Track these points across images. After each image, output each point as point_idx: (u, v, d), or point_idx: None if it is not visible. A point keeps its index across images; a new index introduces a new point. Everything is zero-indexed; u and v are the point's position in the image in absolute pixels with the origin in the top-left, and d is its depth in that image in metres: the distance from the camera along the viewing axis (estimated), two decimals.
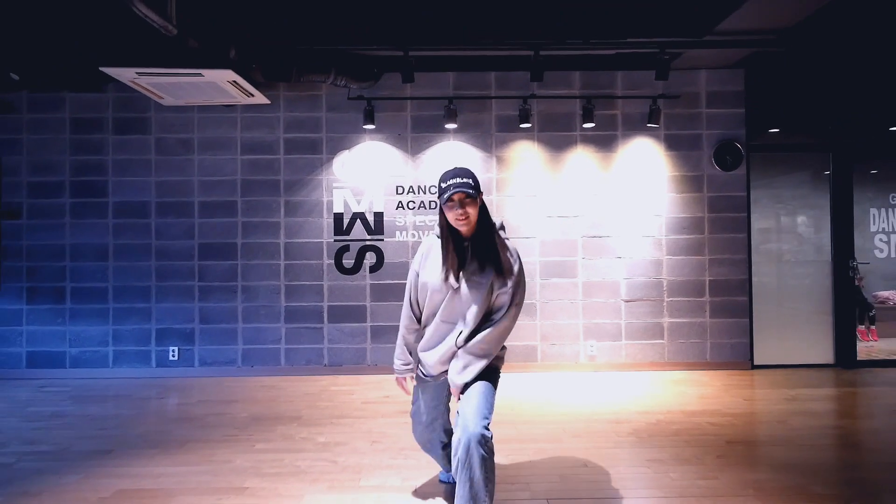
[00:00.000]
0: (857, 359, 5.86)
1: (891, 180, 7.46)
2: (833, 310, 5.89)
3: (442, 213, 2.43)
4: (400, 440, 3.72)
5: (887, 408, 4.49)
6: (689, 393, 4.85)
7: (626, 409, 4.40)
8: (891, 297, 8.03)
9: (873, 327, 7.65)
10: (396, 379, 2.68)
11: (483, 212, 2.46)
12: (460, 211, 2.35)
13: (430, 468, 3.25)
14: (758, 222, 6.06)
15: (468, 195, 2.36)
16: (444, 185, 2.39)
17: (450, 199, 2.36)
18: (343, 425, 4.05)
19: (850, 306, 5.92)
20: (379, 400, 4.74)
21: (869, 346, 7.17)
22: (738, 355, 5.73)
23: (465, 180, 2.37)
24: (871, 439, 3.72)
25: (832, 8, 4.43)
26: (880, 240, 7.49)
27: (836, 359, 5.85)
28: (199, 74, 4.47)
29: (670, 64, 5.51)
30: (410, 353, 2.64)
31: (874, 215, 7.50)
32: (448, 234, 2.43)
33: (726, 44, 4.94)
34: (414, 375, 2.67)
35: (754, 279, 5.88)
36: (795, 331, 5.92)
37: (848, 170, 5.92)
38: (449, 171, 2.44)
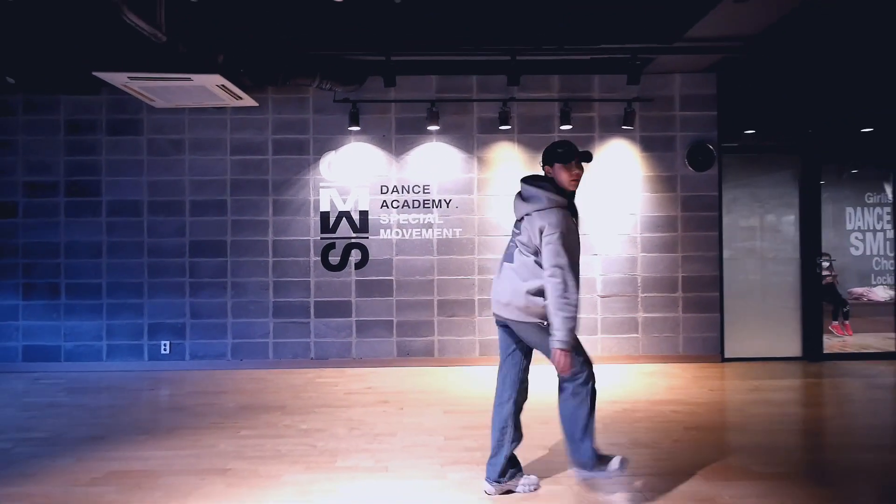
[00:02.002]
0: (824, 352, 6.09)
1: (867, 180, 7.69)
2: (801, 305, 6.12)
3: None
4: (376, 427, 3.94)
5: (841, 397, 4.72)
6: (658, 384, 5.07)
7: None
8: (864, 294, 8.27)
9: (847, 322, 7.89)
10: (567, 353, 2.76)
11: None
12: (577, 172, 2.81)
13: (403, 452, 3.46)
14: (733, 220, 6.28)
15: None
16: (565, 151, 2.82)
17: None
18: (324, 414, 4.26)
19: (817, 302, 6.14)
20: (361, 391, 4.95)
21: (842, 341, 7.42)
22: (710, 349, 5.96)
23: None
24: (819, 425, 3.94)
25: (793, 17, 4.64)
26: (856, 238, 7.74)
27: (803, 352, 6.07)
28: (189, 79, 4.67)
29: (643, 68, 5.71)
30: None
31: (850, 214, 7.75)
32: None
33: (695, 50, 5.16)
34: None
35: (727, 276, 6.11)
36: (765, 325, 6.15)
37: (816, 170, 6.14)
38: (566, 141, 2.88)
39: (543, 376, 5.30)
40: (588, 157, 2.85)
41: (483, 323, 5.93)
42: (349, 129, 5.77)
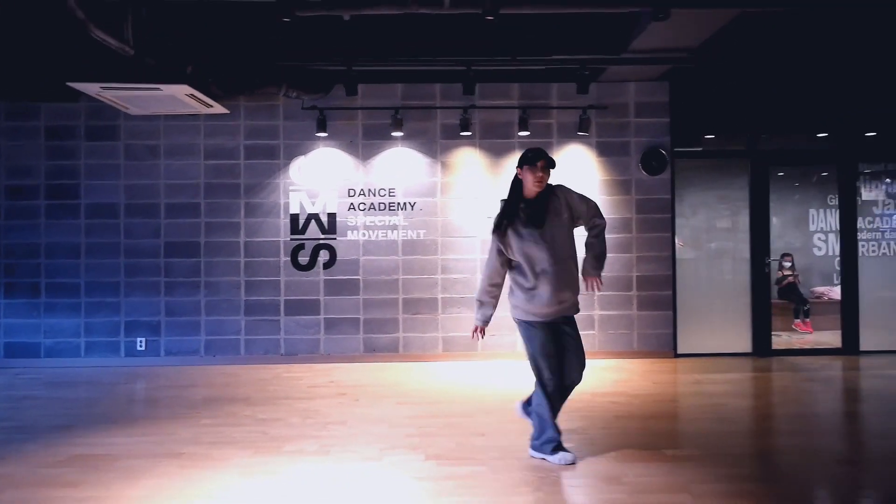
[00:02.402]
0: (773, 348, 6.37)
1: (832, 182, 7.97)
2: (751, 303, 6.40)
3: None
4: (329, 416, 4.20)
5: (774, 389, 5.01)
6: (607, 378, 5.34)
7: None
8: (826, 293, 8.55)
9: (808, 320, 8.17)
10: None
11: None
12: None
13: (348, 438, 3.73)
14: (687, 222, 6.56)
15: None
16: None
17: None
18: (283, 405, 4.53)
19: (766, 300, 6.41)
20: (323, 384, 5.22)
21: (801, 338, 7.70)
22: (663, 345, 6.23)
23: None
24: (743, 414, 4.21)
25: (730, 30, 4.91)
26: (819, 238, 8.00)
27: (753, 348, 6.35)
28: (158, 89, 4.94)
29: (598, 77, 6.02)
30: None
31: (813, 215, 8.01)
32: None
33: (642, 61, 5.43)
34: None
35: (682, 275, 6.38)
36: (718, 322, 6.42)
37: (765, 174, 6.42)
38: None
39: (506, 371, 5.63)
40: (551, 163, 3.27)
41: (446, 320, 6.20)
42: (317, 135, 6.04)
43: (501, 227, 3.29)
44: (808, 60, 5.97)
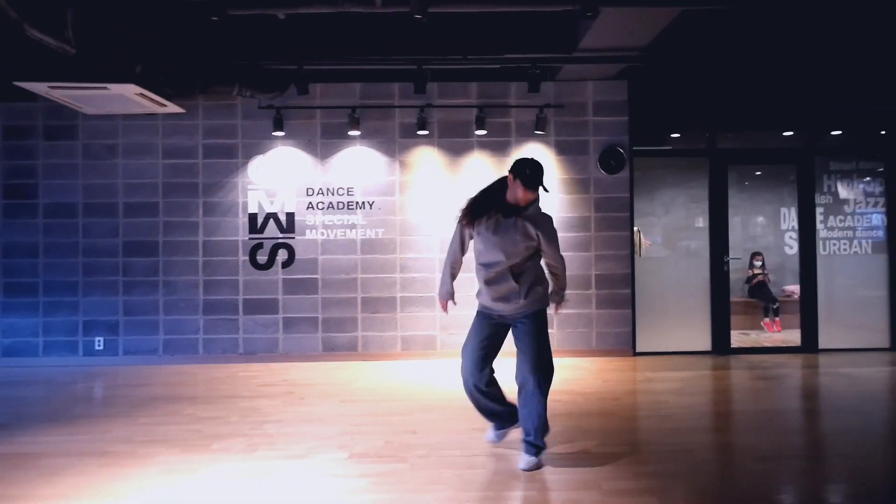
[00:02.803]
0: (732, 346, 6.38)
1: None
2: (710, 301, 6.40)
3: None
4: (269, 415, 4.21)
5: (723, 387, 5.02)
6: (558, 376, 5.22)
7: None
8: (795, 291, 8.56)
9: (777, 319, 8.18)
10: None
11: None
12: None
13: (279, 437, 3.74)
14: (660, 220, 6.57)
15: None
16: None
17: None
18: (228, 403, 4.53)
19: (725, 298, 6.41)
20: (275, 383, 5.22)
21: (769, 337, 7.71)
22: (622, 343, 6.24)
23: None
24: (681, 412, 4.21)
25: (679, 28, 4.92)
26: (790, 237, 8.01)
27: (712, 346, 6.36)
28: (106, 88, 4.93)
29: (555, 76, 6.03)
30: None
31: (784, 214, 8.03)
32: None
33: (594, 59, 5.44)
34: None
35: (642, 273, 6.39)
36: (677, 321, 6.43)
37: (723, 172, 6.42)
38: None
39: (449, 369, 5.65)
40: (544, 189, 3.24)
41: (405, 319, 6.21)
42: (274, 134, 6.04)
43: (474, 213, 3.30)
44: (765, 58, 5.99)
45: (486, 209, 3.27)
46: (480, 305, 3.37)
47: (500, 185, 3.32)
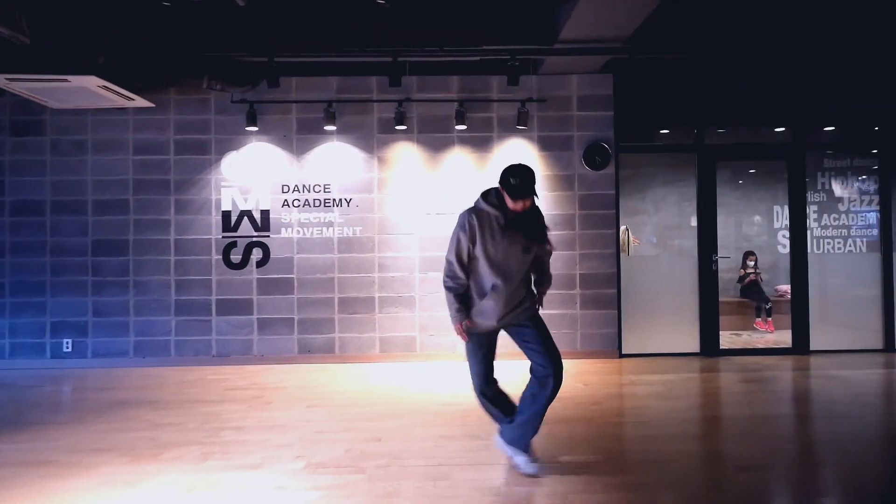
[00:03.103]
0: (721, 348, 6.19)
1: None
2: (699, 301, 6.21)
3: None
4: (230, 421, 4.02)
5: (705, 390, 4.82)
6: None
7: (465, 394, 4.68)
8: (789, 291, 8.37)
9: (770, 319, 7.99)
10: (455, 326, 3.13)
11: None
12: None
13: (235, 444, 3.54)
14: (651, 218, 6.38)
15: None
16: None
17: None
18: (189, 409, 4.34)
19: (714, 298, 6.22)
20: (244, 387, 5.03)
21: (761, 337, 7.52)
22: (607, 345, 6.05)
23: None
24: (662, 417, 4.01)
25: (664, 19, 4.74)
26: (783, 236, 7.82)
27: (701, 348, 6.17)
28: (66, 80, 4.75)
29: (538, 69, 5.84)
30: None
31: (777, 212, 7.84)
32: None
33: (576, 51, 5.25)
34: None
35: (629, 273, 6.20)
36: (665, 322, 6.24)
37: (711, 168, 6.23)
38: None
39: (442, 373, 5.44)
40: (528, 195, 2.89)
41: (383, 320, 6.02)
42: (247, 129, 5.85)
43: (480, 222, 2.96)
44: (756, 51, 5.79)
45: (487, 218, 2.98)
46: (475, 327, 3.05)
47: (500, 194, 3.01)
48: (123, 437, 3.71)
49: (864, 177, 6.62)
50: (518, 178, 2.87)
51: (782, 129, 6.51)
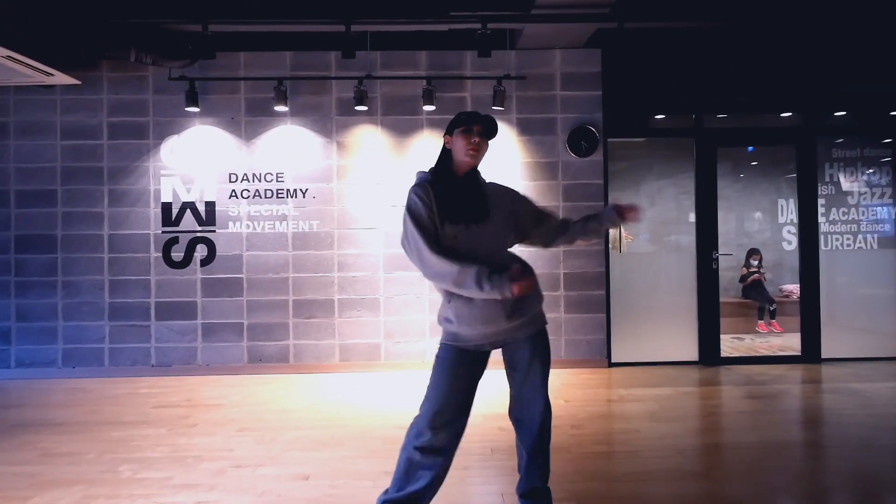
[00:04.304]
0: (721, 355, 5.54)
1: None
2: (697, 304, 5.56)
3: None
4: (137, 450, 3.36)
5: (704, 410, 4.17)
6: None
7: None
8: (794, 291, 7.73)
9: (774, 321, 7.36)
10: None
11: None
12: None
13: (127, 484, 2.89)
14: (646, 213, 5.71)
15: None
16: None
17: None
18: (98, 434, 3.68)
19: (714, 300, 5.57)
20: (175, 403, 4.38)
21: (766, 341, 6.88)
22: (595, 352, 5.40)
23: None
24: (652, 446, 3.37)
25: None
26: (788, 231, 7.21)
27: (699, 355, 5.52)
28: None
29: (516, 43, 5.18)
30: None
31: (782, 206, 7.22)
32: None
33: (557, 18, 4.59)
34: None
35: (620, 271, 5.56)
36: (660, 327, 5.59)
37: (712, 155, 5.58)
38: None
39: (408, 385, 4.74)
40: (492, 130, 2.31)
41: (343, 325, 5.36)
42: (187, 109, 5.18)
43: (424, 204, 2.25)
44: (759, 26, 5.14)
45: (445, 196, 2.30)
46: (454, 337, 2.29)
47: (444, 161, 2.38)
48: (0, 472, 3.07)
49: (874, 169, 5.98)
50: (471, 112, 2.33)
51: (789, 114, 5.86)
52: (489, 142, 2.34)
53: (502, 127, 5.33)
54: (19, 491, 2.82)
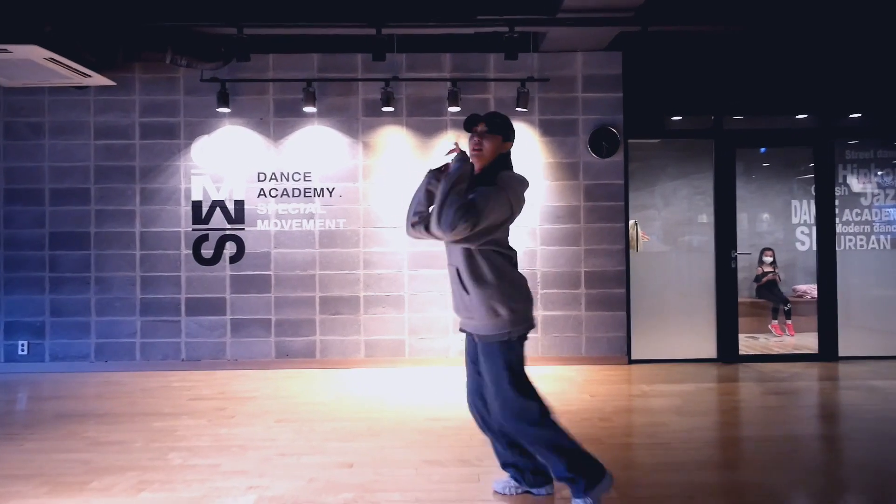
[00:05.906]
0: (741, 353, 5.63)
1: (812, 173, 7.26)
2: (715, 303, 5.66)
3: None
4: (183, 440, 3.48)
5: (726, 405, 4.27)
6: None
7: (456, 407, 4.13)
8: (808, 291, 7.81)
9: (789, 322, 7.43)
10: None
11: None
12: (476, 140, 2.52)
13: (180, 471, 3.01)
14: (660, 213, 5.82)
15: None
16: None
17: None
18: (141, 424, 3.80)
19: (732, 299, 5.66)
20: (210, 396, 4.50)
21: (779, 341, 6.96)
22: (615, 350, 5.50)
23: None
24: (681, 439, 3.47)
25: None
26: (802, 232, 7.27)
27: (718, 353, 5.62)
28: (7, 51, 4.21)
29: (539, 46, 5.29)
30: None
31: (796, 207, 7.28)
32: None
33: (582, 22, 4.70)
34: None
35: (640, 270, 5.66)
36: (679, 324, 5.68)
37: (731, 157, 5.67)
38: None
39: (433, 380, 4.84)
40: (497, 127, 2.55)
41: (369, 322, 5.47)
42: (218, 110, 5.30)
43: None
44: (779, 29, 5.23)
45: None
46: (528, 325, 2.52)
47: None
48: (53, 459, 3.18)
49: (888, 170, 6.06)
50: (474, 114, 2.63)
51: (805, 115, 5.95)
52: (500, 135, 2.55)
53: (525, 128, 5.49)
54: (77, 476, 2.94)
